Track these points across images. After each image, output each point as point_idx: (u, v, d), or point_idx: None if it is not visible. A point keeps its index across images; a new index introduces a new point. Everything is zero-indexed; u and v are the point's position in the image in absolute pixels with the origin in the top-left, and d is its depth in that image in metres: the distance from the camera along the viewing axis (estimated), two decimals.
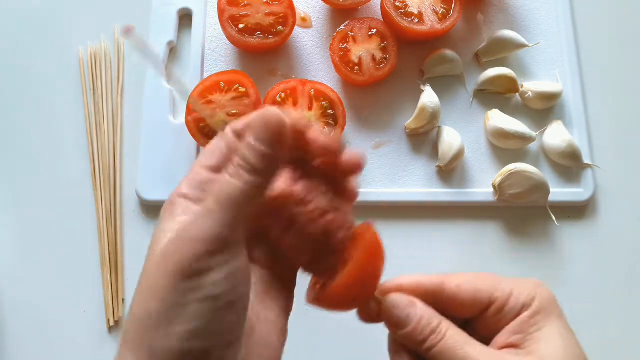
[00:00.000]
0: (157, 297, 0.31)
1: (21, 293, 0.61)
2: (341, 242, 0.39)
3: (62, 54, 0.70)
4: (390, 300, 0.40)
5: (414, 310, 0.39)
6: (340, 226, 0.39)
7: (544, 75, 0.68)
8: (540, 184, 0.61)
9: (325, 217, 0.39)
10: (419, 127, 0.64)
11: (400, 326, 0.39)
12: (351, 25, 0.65)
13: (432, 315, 0.39)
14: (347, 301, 0.40)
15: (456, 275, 0.40)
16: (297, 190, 0.39)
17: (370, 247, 0.40)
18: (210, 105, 0.60)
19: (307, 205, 0.39)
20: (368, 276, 0.40)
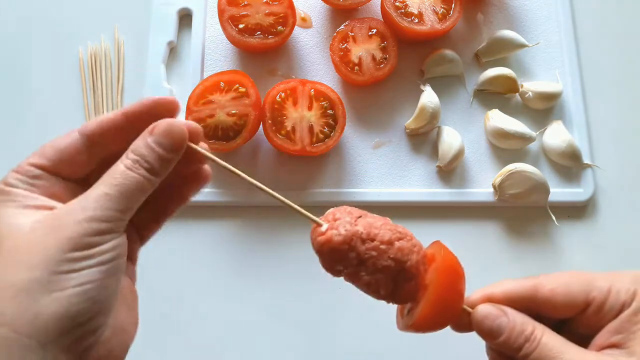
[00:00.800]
0: (44, 266, 0.33)
1: None
2: (415, 266, 0.40)
3: (62, 54, 0.70)
4: (480, 311, 0.40)
5: (505, 319, 0.39)
6: (410, 251, 0.40)
7: (544, 75, 0.68)
8: (540, 184, 0.61)
9: (394, 247, 0.40)
10: (419, 127, 0.64)
11: (493, 336, 0.39)
12: (351, 25, 0.65)
13: (525, 322, 0.38)
14: (436, 323, 0.40)
15: (548, 277, 0.40)
16: (360, 230, 0.40)
17: (447, 266, 0.40)
18: (210, 106, 0.60)
19: (373, 239, 0.40)
20: (451, 295, 0.40)
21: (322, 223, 0.41)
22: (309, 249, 0.62)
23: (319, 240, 0.41)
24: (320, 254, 0.41)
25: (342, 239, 0.40)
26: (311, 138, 0.61)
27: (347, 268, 0.40)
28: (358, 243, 0.40)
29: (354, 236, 0.40)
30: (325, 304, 0.60)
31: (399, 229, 0.42)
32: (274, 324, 0.60)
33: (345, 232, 0.40)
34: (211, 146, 0.61)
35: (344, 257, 0.40)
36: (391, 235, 0.41)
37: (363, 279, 0.40)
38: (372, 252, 0.40)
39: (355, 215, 0.42)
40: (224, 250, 0.62)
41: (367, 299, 0.61)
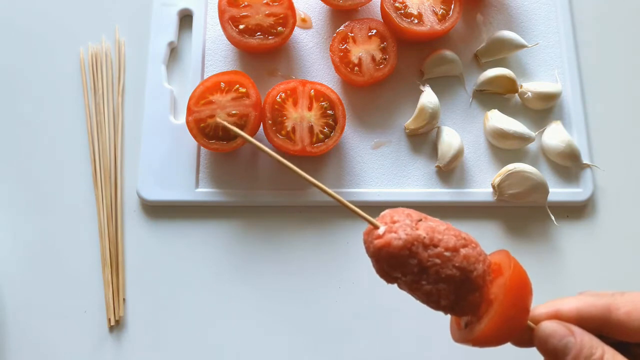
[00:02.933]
0: None
1: (22, 293, 0.61)
2: (481, 277, 0.37)
3: (63, 55, 0.70)
4: (545, 328, 0.37)
5: (572, 339, 0.36)
6: (476, 260, 0.37)
7: (543, 76, 0.68)
8: (540, 184, 0.61)
9: (459, 254, 0.37)
10: (418, 127, 0.64)
11: (558, 356, 0.36)
12: (351, 26, 0.65)
13: (594, 345, 0.36)
14: (498, 339, 0.37)
15: (624, 298, 0.37)
16: (422, 234, 0.37)
17: (515, 282, 0.37)
18: (211, 106, 0.61)
19: (437, 245, 0.37)
20: (516, 313, 0.37)
21: (379, 225, 0.38)
22: (310, 248, 0.62)
23: (375, 244, 0.37)
24: (377, 259, 0.37)
25: (403, 244, 0.36)
26: (311, 138, 0.61)
27: (406, 276, 0.37)
28: (420, 249, 0.36)
29: (416, 241, 0.36)
30: (325, 303, 0.61)
31: (464, 235, 0.38)
32: (274, 324, 0.60)
33: (406, 236, 0.36)
34: (211, 146, 0.61)
35: (404, 263, 0.36)
36: (456, 242, 0.37)
37: (424, 288, 0.37)
38: (435, 260, 0.36)
39: (416, 219, 0.38)
40: (223, 250, 0.62)
41: (368, 299, 0.62)
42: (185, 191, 0.63)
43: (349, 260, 0.62)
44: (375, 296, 0.61)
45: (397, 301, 0.61)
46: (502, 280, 0.37)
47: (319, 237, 0.63)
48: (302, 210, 0.63)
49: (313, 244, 0.62)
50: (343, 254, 0.62)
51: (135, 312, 0.60)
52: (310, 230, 0.63)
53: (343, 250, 0.62)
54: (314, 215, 0.63)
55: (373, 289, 0.61)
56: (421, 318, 0.60)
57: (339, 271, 0.62)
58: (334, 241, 0.63)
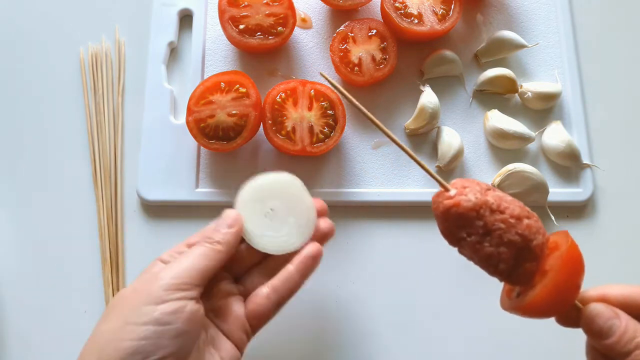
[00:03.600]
0: (122, 317, 0.40)
1: (22, 292, 0.61)
2: (540, 247, 0.39)
3: (63, 55, 0.70)
4: (592, 309, 0.39)
5: (617, 321, 0.38)
6: (537, 231, 0.40)
7: (543, 76, 0.68)
8: (540, 184, 0.61)
9: (522, 223, 0.39)
10: (418, 127, 0.64)
11: (603, 336, 0.38)
12: (351, 26, 0.65)
13: (638, 329, 0.38)
14: (548, 310, 0.40)
15: None
16: (491, 200, 0.40)
17: (571, 256, 0.39)
18: (211, 106, 0.61)
19: (503, 212, 0.39)
20: (569, 286, 0.39)
21: (450, 189, 0.41)
22: None
23: (445, 204, 0.40)
24: (445, 218, 0.40)
25: (472, 205, 0.39)
26: (311, 138, 0.61)
27: (471, 236, 0.40)
28: (487, 212, 0.39)
29: (484, 205, 0.39)
30: (324, 303, 0.61)
31: (527, 209, 0.41)
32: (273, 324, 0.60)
33: (475, 199, 0.39)
34: (211, 146, 0.61)
35: (471, 224, 0.39)
36: (520, 212, 0.40)
37: (486, 249, 0.39)
38: (500, 224, 0.39)
39: (485, 187, 0.41)
40: None
41: (367, 299, 0.62)
42: (185, 191, 0.63)
43: (349, 260, 0.62)
44: (375, 296, 0.61)
45: (397, 301, 0.61)
46: (558, 253, 0.39)
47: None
48: None
49: None
50: (343, 254, 0.62)
51: None
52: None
53: (343, 250, 0.62)
54: None
55: (373, 289, 0.61)
56: (421, 318, 0.60)
57: (338, 271, 0.62)
58: (334, 241, 0.62)
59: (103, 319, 0.42)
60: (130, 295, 0.42)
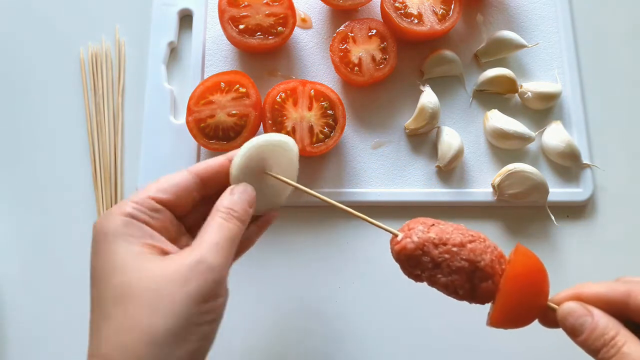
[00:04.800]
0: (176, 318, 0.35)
1: (22, 293, 0.61)
2: (490, 265, 0.42)
3: (63, 55, 0.70)
4: (564, 308, 0.40)
5: (589, 318, 0.39)
6: (483, 252, 0.43)
7: (543, 76, 0.68)
8: (540, 184, 0.61)
9: (466, 248, 0.43)
10: (418, 127, 0.64)
11: (575, 333, 0.39)
12: (351, 26, 0.65)
13: (609, 326, 0.38)
14: (516, 319, 0.42)
15: None
16: (432, 236, 0.43)
17: (518, 268, 0.42)
18: (211, 106, 0.61)
19: (445, 244, 0.43)
20: (528, 295, 0.41)
21: (399, 234, 0.44)
22: (310, 248, 0.62)
23: (395, 248, 0.44)
24: (399, 261, 0.44)
25: (415, 246, 0.43)
26: (311, 138, 0.61)
27: (424, 272, 0.43)
28: (431, 248, 0.43)
29: (427, 242, 0.43)
30: (325, 303, 0.61)
31: (471, 233, 0.44)
32: (273, 324, 0.60)
33: (418, 239, 0.43)
34: (211, 146, 0.61)
35: (419, 261, 0.43)
36: (462, 238, 0.43)
37: (440, 280, 0.43)
38: (445, 255, 0.42)
39: (429, 224, 0.45)
40: None
41: (368, 299, 0.62)
42: None
43: (349, 260, 0.62)
44: (375, 296, 0.61)
45: (397, 301, 0.61)
46: (506, 272, 0.42)
47: (318, 237, 0.63)
48: (302, 210, 0.63)
49: (313, 243, 0.62)
50: (343, 254, 0.62)
51: None
52: (310, 230, 0.63)
53: (343, 250, 0.62)
54: (314, 215, 0.63)
55: (373, 289, 0.61)
56: (421, 317, 0.60)
57: (339, 271, 0.62)
58: (334, 241, 0.63)
59: None
60: None
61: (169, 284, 0.36)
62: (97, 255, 0.39)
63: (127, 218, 0.39)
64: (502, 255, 0.44)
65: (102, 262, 0.38)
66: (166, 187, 0.42)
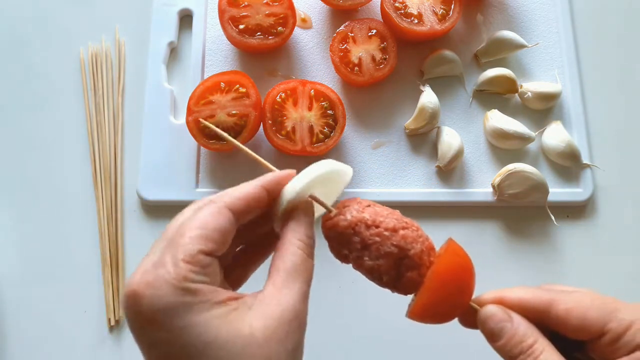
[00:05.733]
0: None
1: (22, 293, 0.61)
2: (418, 255, 0.41)
3: (63, 55, 0.70)
4: (486, 311, 0.40)
5: (509, 324, 0.38)
6: (414, 240, 0.41)
7: (543, 76, 0.68)
8: (540, 184, 0.61)
9: (398, 234, 0.41)
10: (418, 127, 0.64)
11: (493, 338, 0.39)
12: (351, 26, 0.65)
13: (527, 334, 0.38)
14: (435, 315, 0.41)
15: (567, 295, 0.39)
16: (366, 216, 0.42)
17: (446, 265, 0.40)
18: (211, 106, 0.61)
19: (378, 226, 0.41)
20: (451, 293, 0.40)
21: (333, 210, 0.43)
22: None
23: (326, 224, 0.43)
24: (328, 238, 0.43)
25: (347, 224, 0.41)
26: (311, 138, 0.61)
27: (352, 252, 0.42)
28: (362, 228, 0.41)
29: (359, 222, 0.41)
30: (325, 303, 0.61)
31: (405, 220, 0.43)
32: None
33: (351, 217, 0.42)
34: (211, 146, 0.61)
35: (349, 241, 0.41)
36: (396, 224, 0.42)
37: (366, 264, 0.41)
38: (375, 238, 0.41)
39: (364, 205, 0.43)
40: None
41: (368, 299, 0.62)
42: (185, 191, 0.63)
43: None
44: (375, 296, 0.61)
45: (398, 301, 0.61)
46: (433, 266, 0.41)
47: (318, 237, 0.62)
48: None
49: None
50: None
51: None
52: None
53: None
54: None
55: (373, 289, 0.61)
56: None
57: (339, 271, 0.61)
58: None
59: None
60: None
61: (272, 344, 0.34)
62: (170, 340, 0.34)
63: (188, 284, 0.34)
64: (432, 248, 0.42)
65: (181, 345, 0.33)
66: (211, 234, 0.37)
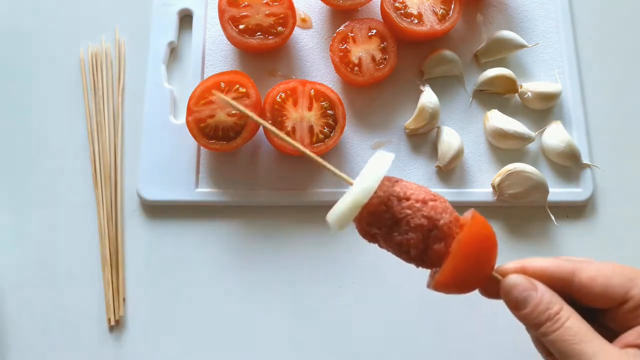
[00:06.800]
0: None
1: (22, 293, 0.61)
2: (447, 226, 0.41)
3: (63, 55, 0.70)
4: (509, 280, 0.40)
5: (534, 293, 0.38)
6: (443, 210, 0.42)
7: (543, 76, 0.68)
8: (540, 184, 0.61)
9: (427, 205, 0.42)
10: (418, 127, 0.64)
11: (518, 307, 0.39)
12: (351, 26, 0.65)
13: (553, 301, 0.38)
14: (460, 284, 0.41)
15: (590, 264, 0.39)
16: (397, 190, 0.42)
17: (471, 235, 0.41)
18: (211, 106, 0.61)
19: (409, 199, 0.42)
20: (475, 263, 0.40)
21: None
22: (310, 248, 0.62)
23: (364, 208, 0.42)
24: (358, 219, 0.43)
25: (379, 200, 0.42)
26: (311, 138, 0.61)
27: (381, 229, 0.42)
28: (395, 202, 0.42)
29: (392, 195, 0.42)
30: (325, 303, 0.61)
31: (433, 192, 0.44)
32: (274, 323, 0.60)
33: (383, 193, 0.42)
34: (211, 146, 0.61)
35: (379, 218, 0.42)
36: (425, 196, 0.42)
37: (395, 239, 0.41)
38: (407, 211, 0.41)
39: (393, 180, 0.44)
40: (223, 250, 0.62)
41: (368, 298, 0.62)
42: (185, 191, 0.63)
43: (349, 260, 0.62)
44: (375, 295, 0.61)
45: (397, 300, 0.61)
46: (459, 236, 0.41)
47: (319, 237, 0.63)
48: (302, 210, 0.63)
49: (313, 243, 0.62)
50: (343, 253, 0.62)
51: (135, 312, 0.60)
52: (310, 230, 0.63)
53: (343, 250, 0.62)
54: (314, 215, 0.63)
55: (373, 288, 0.61)
56: (421, 316, 0.60)
57: (339, 271, 0.62)
58: (334, 241, 0.63)
59: None
60: None
61: None
62: None
63: None
64: (457, 219, 0.43)
65: None
66: None
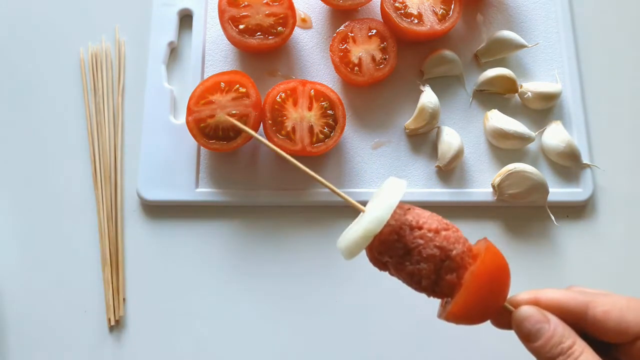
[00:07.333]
0: None
1: (22, 293, 0.61)
2: (459, 257, 0.41)
3: (63, 55, 0.70)
4: (522, 312, 0.39)
5: (547, 325, 0.38)
6: (456, 241, 0.41)
7: (543, 76, 0.68)
8: (540, 184, 0.61)
9: (440, 235, 0.41)
10: (418, 127, 0.64)
11: (530, 339, 0.38)
12: (351, 26, 0.65)
13: (566, 335, 0.37)
14: (473, 316, 0.41)
15: (604, 297, 0.38)
16: (409, 219, 0.41)
17: (485, 267, 0.40)
18: (211, 106, 0.61)
19: (421, 228, 0.41)
20: (490, 290, 0.40)
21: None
22: (310, 248, 0.62)
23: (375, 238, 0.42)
24: (369, 248, 0.42)
25: (391, 229, 0.41)
26: (311, 138, 0.61)
27: (393, 258, 0.41)
28: (407, 231, 0.41)
29: (404, 225, 0.41)
30: (325, 303, 0.61)
31: (446, 221, 0.43)
32: (274, 322, 0.60)
33: (395, 222, 0.41)
34: (211, 146, 0.61)
35: (391, 247, 0.41)
36: (438, 225, 0.41)
37: (407, 269, 0.41)
38: (419, 240, 0.41)
39: (405, 208, 0.43)
40: (223, 250, 0.62)
41: (368, 298, 0.62)
42: (185, 191, 0.63)
43: (349, 260, 0.62)
44: (375, 295, 0.61)
45: (398, 300, 0.61)
46: (472, 267, 0.40)
47: (319, 237, 0.63)
48: (302, 210, 0.63)
49: (313, 243, 0.62)
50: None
51: (135, 312, 0.60)
52: (310, 230, 0.63)
53: None
54: (314, 215, 0.63)
55: (373, 288, 0.61)
56: (421, 316, 0.60)
57: (339, 270, 0.62)
58: (334, 241, 0.62)
59: None
60: None
61: None
62: None
63: None
64: (471, 249, 0.42)
65: None
66: None
